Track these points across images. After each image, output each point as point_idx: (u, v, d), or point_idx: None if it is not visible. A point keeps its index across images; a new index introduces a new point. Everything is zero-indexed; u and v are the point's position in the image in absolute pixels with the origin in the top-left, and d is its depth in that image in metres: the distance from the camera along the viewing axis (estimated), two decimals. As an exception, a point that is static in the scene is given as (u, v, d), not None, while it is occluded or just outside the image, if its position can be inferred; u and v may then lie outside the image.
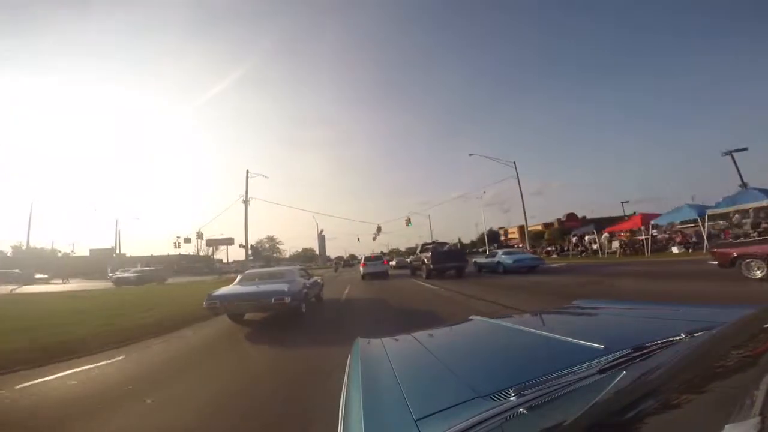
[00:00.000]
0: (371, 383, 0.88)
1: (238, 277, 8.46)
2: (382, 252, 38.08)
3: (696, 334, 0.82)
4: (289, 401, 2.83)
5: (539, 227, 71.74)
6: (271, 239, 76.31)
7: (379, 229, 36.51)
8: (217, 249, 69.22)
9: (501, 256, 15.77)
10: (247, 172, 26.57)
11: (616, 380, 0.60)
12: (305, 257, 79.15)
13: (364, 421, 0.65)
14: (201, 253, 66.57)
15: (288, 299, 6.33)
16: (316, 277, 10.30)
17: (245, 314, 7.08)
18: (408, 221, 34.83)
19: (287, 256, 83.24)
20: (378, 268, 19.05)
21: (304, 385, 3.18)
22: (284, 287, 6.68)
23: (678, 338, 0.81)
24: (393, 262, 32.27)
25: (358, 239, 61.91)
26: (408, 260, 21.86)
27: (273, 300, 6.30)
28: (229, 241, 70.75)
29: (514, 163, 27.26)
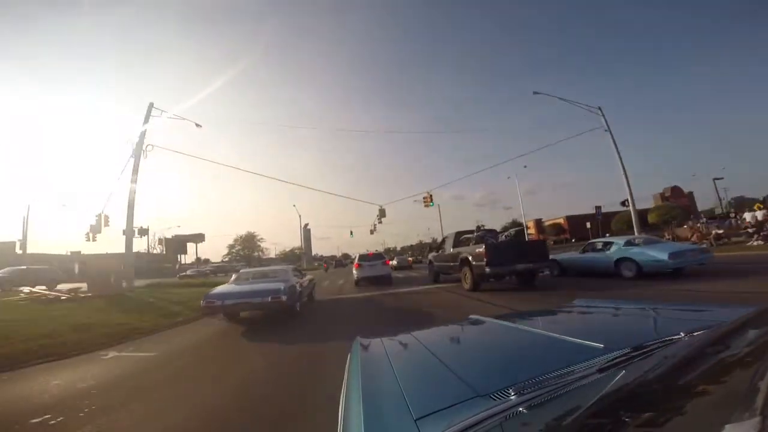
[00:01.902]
0: (371, 382, 0.88)
1: (233, 276, 8.60)
2: (377, 251, 30.42)
3: (695, 334, 0.82)
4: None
5: (560, 221, 67.47)
6: (251, 236, 67.06)
7: (382, 213, 24.55)
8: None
9: (625, 247, 9.09)
10: (150, 106, 15.54)
11: (616, 379, 0.60)
12: (293, 256, 69.35)
13: (363, 421, 0.65)
14: (155, 251, 57.31)
15: (284, 297, 6.50)
16: (308, 276, 10.47)
17: (240, 313, 7.12)
18: (429, 199, 23.57)
19: (273, 255, 74.49)
20: (377, 270, 14.52)
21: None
22: (280, 286, 6.79)
23: (677, 337, 0.82)
24: (393, 262, 27.33)
25: (351, 233, 53.52)
26: (429, 259, 14.48)
27: (270, 298, 6.45)
28: (199, 238, 61.02)
29: (599, 108, 18.51)
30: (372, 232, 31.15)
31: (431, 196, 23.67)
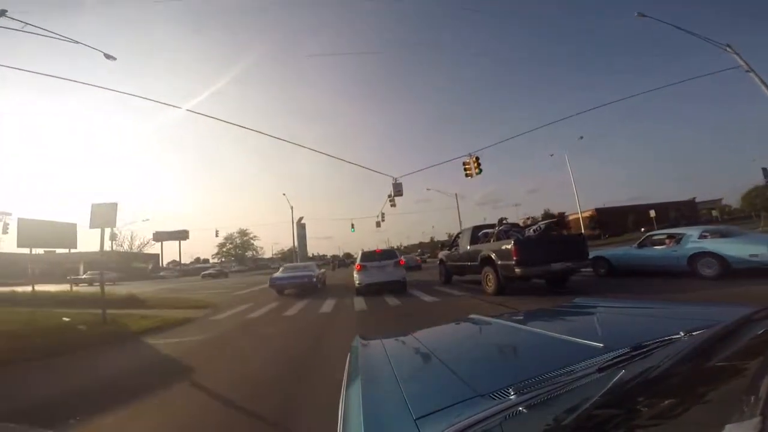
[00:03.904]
0: (371, 382, 0.88)
1: (281, 268, 14.51)
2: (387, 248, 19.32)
3: (695, 333, 0.82)
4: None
5: (588, 213, 52.98)
6: (243, 233, 63.38)
7: (396, 190, 17.02)
8: (145, 245, 56.19)
9: (703, 239, 7.52)
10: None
11: (615, 379, 0.60)
12: (292, 257, 62.59)
13: (363, 420, 0.65)
14: (137, 250, 54.73)
15: (315, 280, 12.47)
16: (322, 270, 16.45)
17: (285, 290, 12.43)
18: (475, 164, 15.04)
19: (270, 254, 71.88)
20: (388, 273, 10.49)
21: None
22: (312, 273, 12.62)
23: (677, 337, 0.82)
24: None
25: (352, 226, 36.58)
26: (440, 257, 12.57)
27: (306, 280, 12.22)
28: (182, 235, 58.69)
29: (728, 46, 13.44)
30: (378, 224, 26.04)
31: (477, 159, 15.23)
